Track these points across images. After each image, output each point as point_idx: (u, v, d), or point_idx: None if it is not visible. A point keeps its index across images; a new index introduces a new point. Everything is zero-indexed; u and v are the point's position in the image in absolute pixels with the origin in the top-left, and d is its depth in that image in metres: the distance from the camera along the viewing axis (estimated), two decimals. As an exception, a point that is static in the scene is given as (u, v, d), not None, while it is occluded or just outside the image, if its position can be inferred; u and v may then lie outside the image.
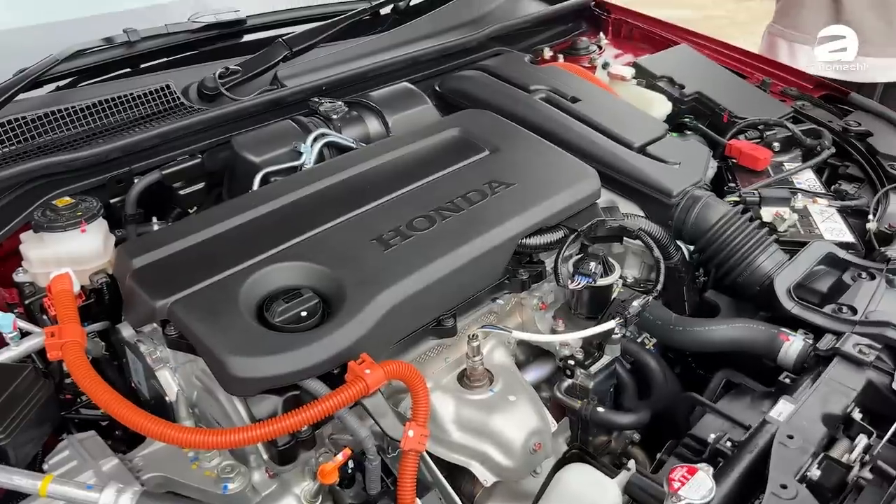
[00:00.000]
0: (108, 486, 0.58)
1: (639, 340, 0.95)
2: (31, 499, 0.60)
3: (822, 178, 1.16)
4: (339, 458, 0.66)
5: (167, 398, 0.75)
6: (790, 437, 0.70)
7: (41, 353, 0.72)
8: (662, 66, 1.31)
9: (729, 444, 0.74)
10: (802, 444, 0.69)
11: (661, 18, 1.56)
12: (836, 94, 1.34)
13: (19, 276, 0.85)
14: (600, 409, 0.86)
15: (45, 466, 0.67)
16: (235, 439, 0.63)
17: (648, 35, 1.49)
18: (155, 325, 0.75)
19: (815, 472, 0.67)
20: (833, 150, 1.18)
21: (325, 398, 0.65)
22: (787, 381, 0.81)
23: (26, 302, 0.82)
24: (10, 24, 1.14)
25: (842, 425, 0.73)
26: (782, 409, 0.74)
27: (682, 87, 1.27)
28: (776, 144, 1.18)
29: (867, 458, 0.68)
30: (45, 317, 0.81)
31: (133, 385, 0.82)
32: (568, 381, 0.89)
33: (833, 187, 1.13)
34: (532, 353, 0.95)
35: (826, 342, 0.82)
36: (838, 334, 0.82)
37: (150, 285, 0.72)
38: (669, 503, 0.65)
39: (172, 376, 0.74)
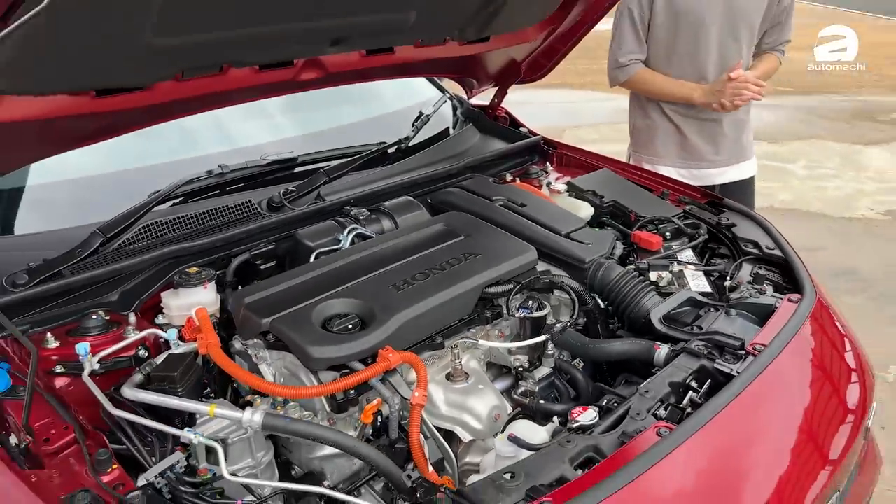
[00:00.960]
0: (246, 409, 1.02)
1: (573, 363, 1.41)
2: (205, 418, 1.04)
3: (700, 254, 1.66)
4: (374, 404, 1.11)
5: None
6: (647, 391, 1.15)
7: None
8: (589, 183, 1.85)
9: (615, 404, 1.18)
10: (653, 395, 1.14)
11: (594, 151, 2.13)
12: (716, 198, 1.87)
13: (159, 320, 1.32)
14: (542, 402, 1.30)
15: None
16: (312, 392, 1.08)
17: (581, 162, 2.04)
18: (256, 339, 1.21)
19: (661, 412, 1.12)
20: (706, 236, 1.68)
21: (363, 371, 1.11)
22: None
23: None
24: (129, 166, 1.66)
25: (682, 389, 1.18)
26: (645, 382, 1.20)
27: (602, 197, 1.79)
28: (667, 234, 1.68)
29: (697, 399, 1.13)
30: (179, 341, 1.27)
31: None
32: (521, 388, 1.33)
33: (706, 259, 1.63)
34: (497, 372, 1.40)
35: (680, 346, 1.28)
36: (687, 341, 1.29)
37: (258, 312, 1.20)
38: (570, 425, 1.09)
39: (268, 369, 1.20)
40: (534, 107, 6.50)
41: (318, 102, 1.86)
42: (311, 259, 1.42)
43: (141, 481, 0.95)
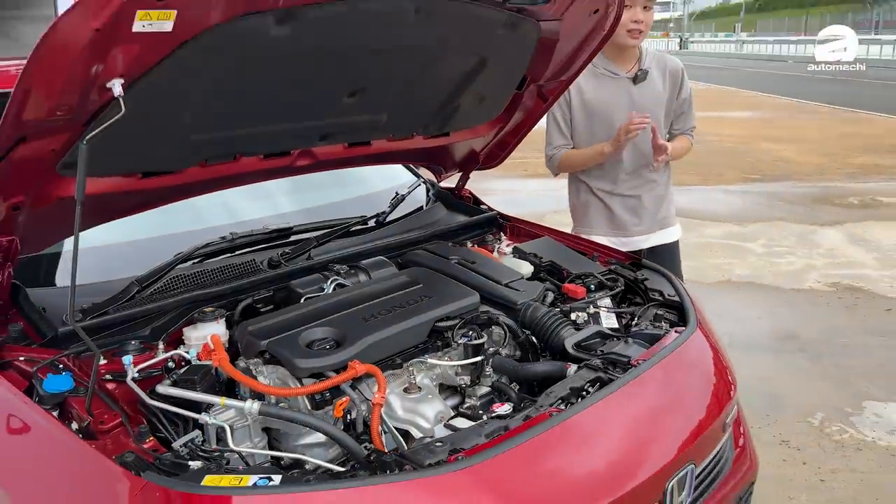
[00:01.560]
0: (247, 401, 1.39)
1: (510, 385, 1.77)
2: (216, 408, 1.40)
3: (620, 301, 2.05)
4: (343, 401, 1.47)
5: (261, 392, 1.56)
6: (552, 392, 1.51)
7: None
8: (531, 247, 2.25)
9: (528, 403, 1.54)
10: (556, 395, 1.50)
11: (542, 224, 2.56)
12: (637, 259, 2.27)
13: (181, 349, 1.69)
14: (480, 412, 1.66)
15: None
16: (297, 391, 1.45)
17: (529, 232, 2.46)
18: (256, 359, 1.58)
19: (560, 405, 1.48)
20: (623, 288, 2.07)
21: (336, 377, 1.48)
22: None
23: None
24: (157, 234, 2.07)
25: (580, 391, 1.53)
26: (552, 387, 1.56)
27: (541, 258, 2.19)
28: (592, 286, 2.07)
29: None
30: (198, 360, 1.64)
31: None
32: (467, 403, 1.69)
33: (619, 304, 2.01)
34: (447, 392, 1.76)
35: (583, 364, 1.64)
36: (589, 360, 1.65)
37: (258, 336, 1.57)
38: (490, 416, 1.45)
39: (265, 379, 1.56)
40: (521, 194, 7.05)
41: (310, 184, 2.30)
42: (301, 302, 1.81)
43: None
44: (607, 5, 1.97)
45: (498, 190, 7.26)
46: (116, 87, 1.27)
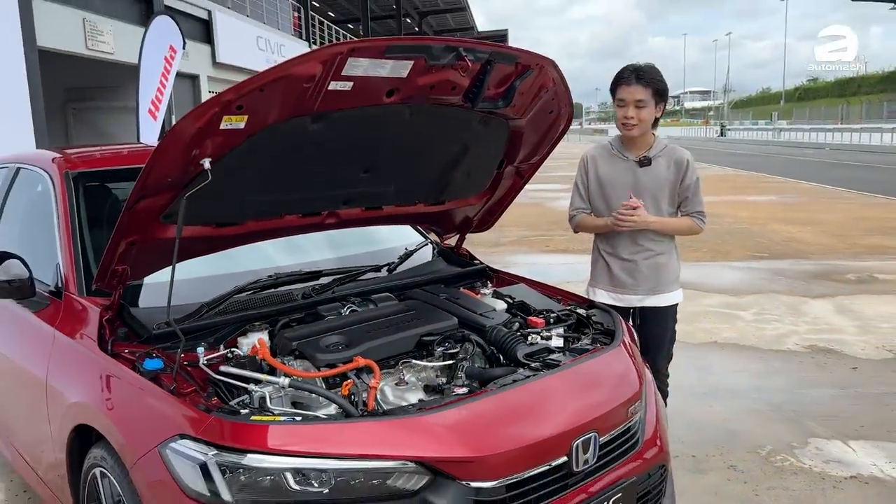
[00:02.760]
0: (281, 377, 2.01)
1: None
2: (261, 383, 2.02)
3: (574, 330, 2.62)
4: (347, 383, 2.07)
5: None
6: (496, 384, 2.09)
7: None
8: (508, 290, 2.86)
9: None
10: (501, 385, 2.08)
11: (521, 275, 3.17)
12: (591, 303, 2.85)
13: (236, 352, 2.33)
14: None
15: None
16: (316, 375, 2.06)
17: (510, 282, 3.08)
18: (289, 356, 2.21)
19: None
20: (575, 320, 2.66)
21: (343, 367, 2.09)
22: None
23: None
24: (221, 272, 2.75)
25: (521, 384, 2.11)
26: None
27: (514, 298, 2.80)
28: (551, 319, 2.65)
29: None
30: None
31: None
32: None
33: (570, 333, 2.60)
34: (431, 392, 2.34)
35: (527, 367, 2.22)
36: (531, 364, 2.23)
37: (291, 339, 2.20)
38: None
39: (294, 367, 2.18)
40: (540, 266, 7.67)
41: (337, 239, 2.98)
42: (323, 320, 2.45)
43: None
44: (560, 108, 2.65)
45: (520, 263, 7.93)
46: (206, 163, 1.97)
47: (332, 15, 38.75)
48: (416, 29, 49.49)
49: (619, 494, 2.05)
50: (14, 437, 2.86)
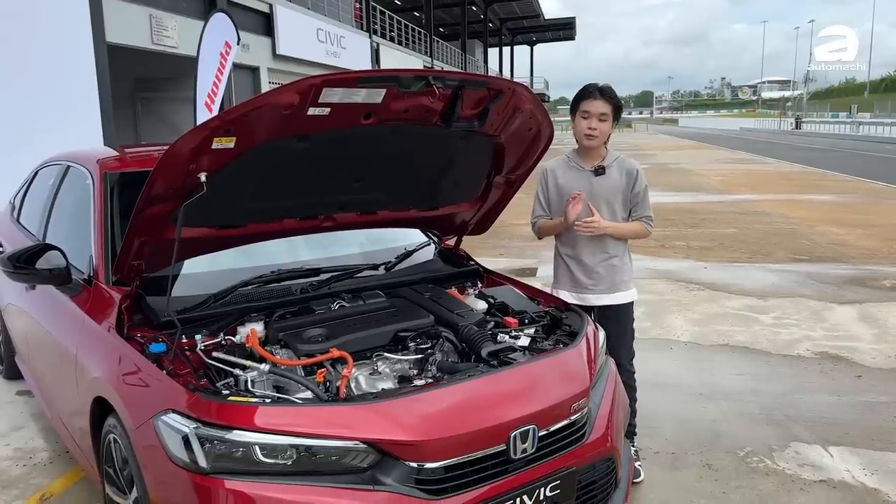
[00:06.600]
0: (262, 363, 2.31)
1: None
2: (247, 368, 2.32)
3: (547, 331, 2.84)
4: (322, 371, 2.36)
5: (277, 367, 2.49)
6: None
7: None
8: (492, 292, 3.09)
9: (444, 386, 2.38)
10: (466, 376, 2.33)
11: (512, 277, 3.39)
12: (566, 306, 3.06)
13: (235, 338, 2.64)
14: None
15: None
16: (296, 363, 2.35)
17: (497, 283, 3.31)
18: (276, 345, 2.50)
19: (459, 386, 2.31)
20: (548, 321, 2.87)
21: (320, 356, 2.37)
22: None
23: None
24: (226, 267, 3.07)
25: (476, 379, 2.36)
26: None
27: (495, 299, 3.03)
28: (525, 319, 2.87)
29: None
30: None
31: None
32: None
33: (540, 333, 2.81)
34: (405, 383, 2.60)
35: (491, 363, 2.46)
36: (494, 361, 2.47)
37: (278, 330, 2.50)
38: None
39: (279, 356, 2.48)
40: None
41: (334, 240, 3.27)
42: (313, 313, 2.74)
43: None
44: (539, 126, 2.85)
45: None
46: (202, 176, 2.27)
47: (398, 2, 39.01)
48: (482, 17, 49.40)
49: (557, 482, 2.27)
50: (55, 406, 3.27)
